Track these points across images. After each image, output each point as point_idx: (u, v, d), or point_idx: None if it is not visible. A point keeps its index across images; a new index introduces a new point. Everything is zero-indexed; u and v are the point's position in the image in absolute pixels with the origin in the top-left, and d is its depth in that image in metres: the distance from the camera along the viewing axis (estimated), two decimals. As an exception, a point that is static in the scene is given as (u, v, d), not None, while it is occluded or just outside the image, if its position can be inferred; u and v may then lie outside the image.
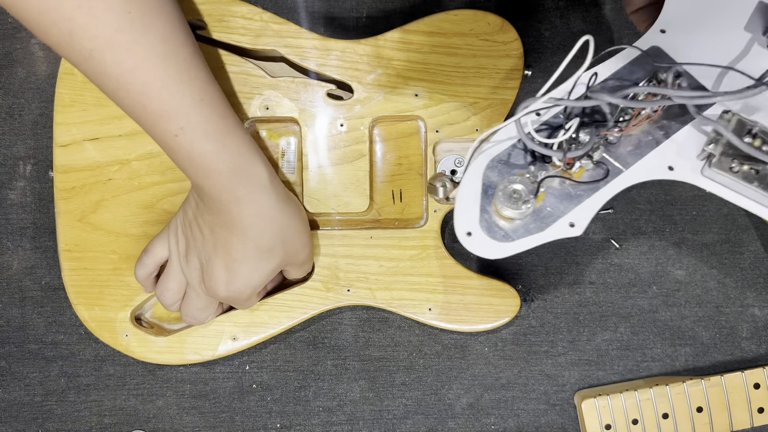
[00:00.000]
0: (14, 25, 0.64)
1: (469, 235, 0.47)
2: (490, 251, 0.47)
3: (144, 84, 0.47)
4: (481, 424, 0.63)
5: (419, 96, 0.60)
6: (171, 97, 0.47)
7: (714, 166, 0.46)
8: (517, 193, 0.46)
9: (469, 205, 0.47)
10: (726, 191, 0.47)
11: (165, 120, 0.48)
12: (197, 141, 0.49)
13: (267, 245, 0.53)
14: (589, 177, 0.48)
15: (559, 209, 0.47)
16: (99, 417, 0.64)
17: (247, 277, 0.53)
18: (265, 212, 0.52)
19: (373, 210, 0.62)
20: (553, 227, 0.47)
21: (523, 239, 0.47)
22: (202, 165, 0.49)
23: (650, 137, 0.48)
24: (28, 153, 0.64)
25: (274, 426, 0.63)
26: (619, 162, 0.48)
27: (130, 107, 0.48)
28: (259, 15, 0.59)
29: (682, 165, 0.48)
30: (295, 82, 0.60)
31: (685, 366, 0.63)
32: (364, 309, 0.63)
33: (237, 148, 0.50)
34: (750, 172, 0.46)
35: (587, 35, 0.44)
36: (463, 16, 0.59)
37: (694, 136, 0.48)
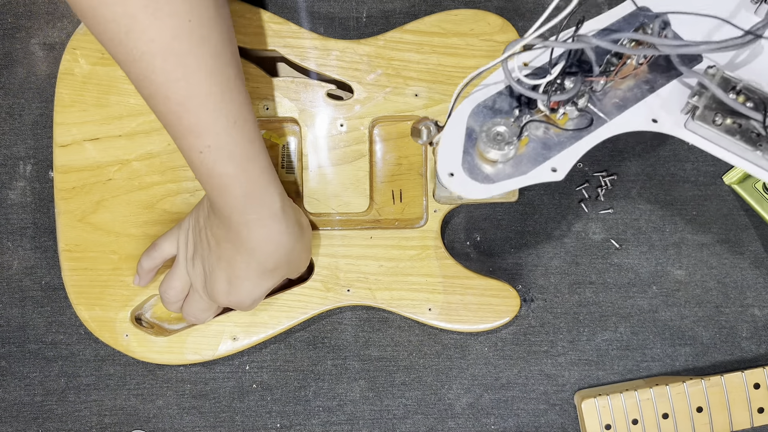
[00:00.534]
0: (14, 25, 0.64)
1: (451, 176, 0.47)
2: (472, 191, 0.47)
3: (185, 97, 0.46)
4: (481, 424, 0.63)
5: (419, 96, 0.60)
6: (208, 114, 0.47)
7: (697, 119, 0.46)
8: (501, 135, 0.47)
9: (453, 147, 0.48)
10: (708, 144, 0.47)
11: (195, 135, 0.47)
12: (220, 162, 0.48)
13: (270, 267, 0.53)
14: (573, 125, 0.48)
15: (542, 155, 0.48)
16: (99, 417, 0.64)
17: (247, 291, 0.54)
18: (274, 238, 0.52)
19: (373, 210, 0.62)
20: (535, 171, 0.47)
21: (504, 181, 0.47)
22: (219, 185, 0.49)
23: (635, 90, 0.49)
24: (28, 153, 0.64)
25: (274, 426, 0.63)
26: (604, 113, 0.48)
27: (163, 114, 0.48)
28: (259, 15, 0.59)
29: (665, 118, 0.48)
30: (295, 82, 0.60)
31: (685, 366, 0.63)
32: (364, 309, 0.63)
33: (257, 176, 0.50)
34: (732, 125, 0.46)
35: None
36: (463, 16, 0.59)
37: (679, 90, 0.48)
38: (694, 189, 0.63)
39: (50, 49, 0.64)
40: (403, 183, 0.62)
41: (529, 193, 0.63)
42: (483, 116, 0.48)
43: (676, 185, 0.63)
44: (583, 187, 0.64)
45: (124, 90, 0.59)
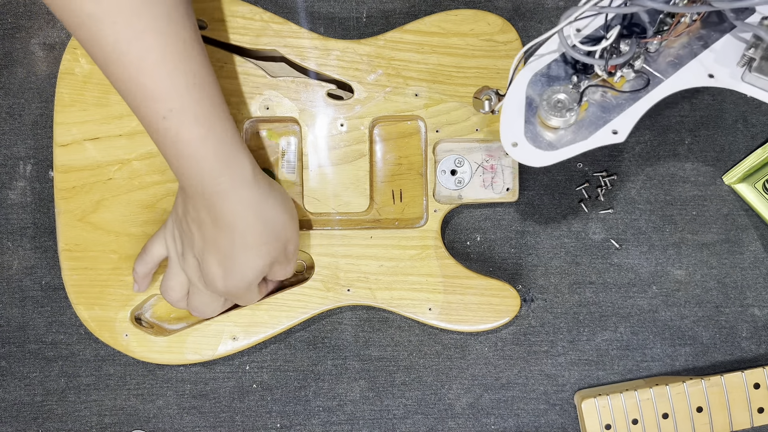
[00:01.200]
0: (14, 25, 0.64)
1: (515, 146, 0.48)
2: (537, 159, 0.48)
3: (140, 57, 0.45)
4: (481, 423, 0.63)
5: (419, 96, 0.60)
6: (165, 75, 0.46)
7: (755, 70, 0.46)
8: (561, 102, 0.47)
9: (514, 117, 0.49)
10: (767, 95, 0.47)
11: (155, 99, 0.46)
12: (185, 125, 0.47)
13: (254, 242, 0.52)
14: (630, 87, 0.48)
15: (603, 118, 0.48)
16: (99, 417, 0.64)
17: (240, 272, 0.53)
18: (251, 207, 0.51)
19: (373, 210, 0.62)
20: (597, 135, 0.48)
21: (568, 147, 0.48)
22: (186, 151, 0.48)
23: (690, 47, 0.49)
24: (28, 153, 0.64)
25: (274, 426, 0.63)
26: (660, 72, 0.49)
27: (120, 80, 0.46)
28: (259, 15, 0.59)
29: (722, 72, 0.48)
30: (295, 82, 0.60)
31: (685, 366, 0.63)
32: (364, 309, 0.63)
33: (224, 138, 0.49)
34: None
35: None
36: (463, 16, 0.59)
37: (733, 43, 0.48)
38: (694, 189, 0.63)
39: (50, 49, 0.64)
40: (403, 183, 0.62)
41: (529, 193, 0.63)
42: (541, 85, 0.49)
43: (676, 185, 0.63)
44: (583, 187, 0.64)
45: (125, 90, 0.59)
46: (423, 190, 0.61)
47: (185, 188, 0.51)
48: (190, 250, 0.54)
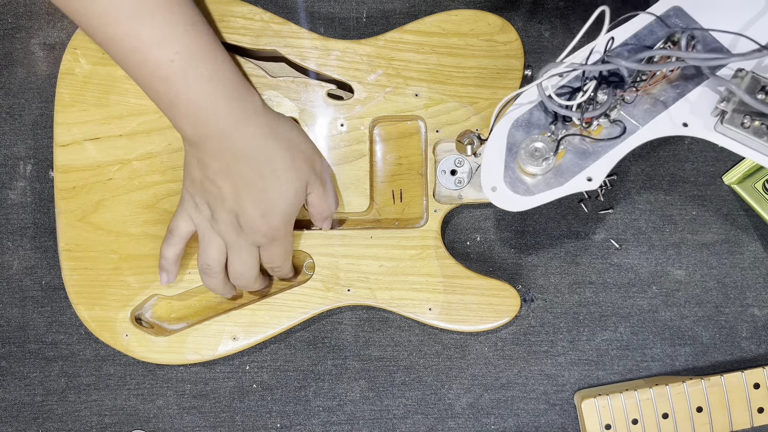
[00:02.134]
0: (14, 25, 0.64)
1: (494, 190, 0.50)
2: (514, 204, 0.50)
3: (136, 7, 0.46)
4: (481, 423, 0.63)
5: (419, 96, 0.60)
6: (164, 20, 0.47)
7: (726, 122, 0.47)
8: (539, 150, 0.49)
9: (495, 162, 0.50)
10: (738, 146, 0.48)
11: (158, 45, 0.47)
12: (193, 65, 0.48)
13: (280, 166, 0.52)
14: (606, 134, 0.50)
15: (578, 165, 0.50)
16: (99, 417, 0.64)
17: (276, 205, 0.53)
18: (267, 133, 0.52)
19: (373, 210, 0.62)
20: (572, 181, 0.50)
21: (543, 193, 0.50)
22: (199, 91, 0.49)
23: (666, 96, 0.50)
24: (28, 153, 0.64)
25: (274, 426, 0.63)
26: (636, 119, 0.50)
27: (119, 38, 0.47)
28: (259, 15, 0.59)
29: (695, 122, 0.49)
30: (296, 82, 0.60)
31: (685, 366, 0.63)
32: (364, 309, 0.63)
33: (229, 73, 0.51)
34: (761, 127, 0.47)
35: (603, 6, 0.47)
36: (463, 16, 0.59)
37: (708, 94, 0.49)
38: (694, 189, 0.63)
39: (50, 49, 0.64)
40: (404, 183, 0.62)
41: (529, 193, 0.63)
42: (521, 131, 0.50)
43: (676, 185, 0.63)
44: (583, 187, 0.64)
45: (125, 90, 0.59)
46: (423, 190, 0.61)
47: (199, 137, 0.51)
48: (220, 206, 0.53)
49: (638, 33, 0.50)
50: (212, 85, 0.49)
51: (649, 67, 0.47)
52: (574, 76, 0.50)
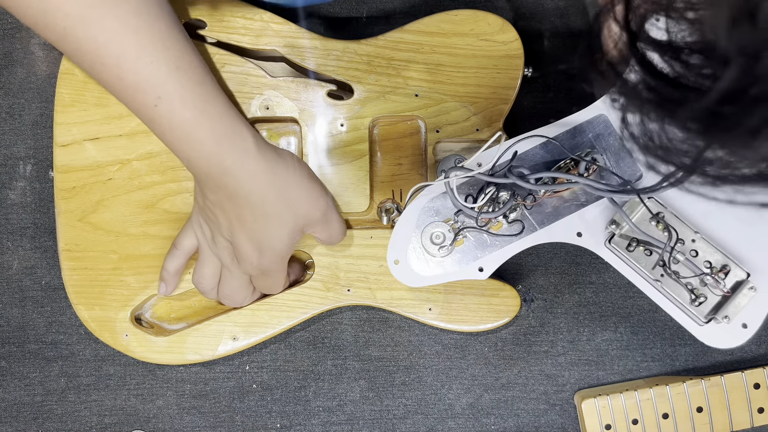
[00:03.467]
0: (14, 25, 0.64)
1: (396, 263, 0.54)
2: (410, 280, 0.54)
3: (118, 57, 0.47)
4: (481, 424, 0.63)
5: (419, 96, 0.60)
6: (145, 67, 0.48)
7: (614, 242, 0.51)
8: (438, 237, 0.53)
9: (403, 237, 0.54)
10: (622, 265, 0.52)
11: (142, 91, 0.48)
12: (176, 110, 0.49)
13: (272, 210, 0.52)
14: (506, 230, 0.54)
15: (474, 254, 0.53)
16: (99, 417, 0.64)
17: (269, 245, 0.53)
18: (258, 177, 0.51)
19: (374, 210, 0.62)
20: (464, 269, 0.53)
21: (435, 276, 0.54)
22: (183, 135, 0.49)
23: (567, 205, 0.53)
24: (28, 153, 0.64)
25: (274, 426, 0.63)
26: (536, 220, 0.53)
27: (108, 81, 0.49)
28: (259, 15, 0.59)
29: (589, 234, 0.53)
30: (296, 82, 0.60)
31: (685, 366, 0.63)
32: (364, 309, 0.63)
33: (218, 116, 0.50)
34: (643, 254, 0.51)
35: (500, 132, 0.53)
36: (463, 16, 0.59)
37: (605, 211, 0.53)
38: (694, 189, 0.63)
39: (50, 49, 0.64)
40: (403, 183, 0.62)
41: (529, 193, 0.63)
42: (432, 212, 0.54)
43: (676, 185, 0.63)
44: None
45: (125, 90, 0.59)
46: (423, 190, 0.61)
47: (195, 173, 0.52)
48: (218, 233, 0.54)
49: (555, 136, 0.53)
50: (197, 127, 0.49)
51: (542, 188, 0.51)
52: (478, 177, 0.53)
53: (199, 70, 0.50)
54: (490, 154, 0.52)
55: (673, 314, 0.51)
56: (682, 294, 0.50)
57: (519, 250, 0.53)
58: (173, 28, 0.50)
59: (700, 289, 0.50)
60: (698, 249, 0.51)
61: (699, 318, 0.50)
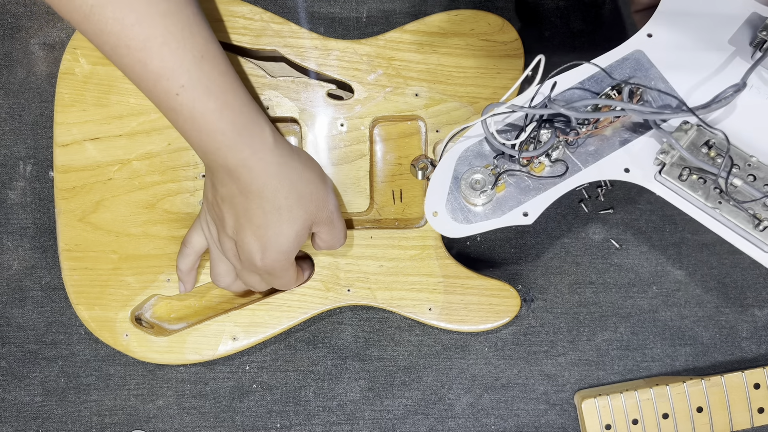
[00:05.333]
0: (14, 25, 0.64)
1: (434, 215, 0.52)
2: (451, 231, 0.51)
3: (145, 40, 0.47)
4: (481, 424, 0.63)
5: (419, 96, 0.60)
6: (171, 53, 0.47)
7: (665, 173, 0.49)
8: (478, 182, 0.50)
9: (439, 189, 0.52)
10: (674, 197, 0.49)
11: (166, 78, 0.48)
12: (199, 99, 0.48)
13: (284, 204, 0.52)
14: (549, 172, 0.51)
15: (518, 199, 0.51)
16: (99, 417, 0.64)
17: (275, 242, 0.52)
18: (273, 170, 0.51)
19: (374, 210, 0.62)
20: (509, 215, 0.51)
21: (479, 223, 0.51)
22: (205, 125, 0.49)
23: (611, 141, 0.51)
24: (28, 153, 0.64)
25: (274, 426, 0.63)
26: (580, 160, 0.51)
27: (130, 66, 0.48)
28: (259, 15, 0.59)
29: (637, 168, 0.50)
30: (296, 82, 0.60)
31: (685, 366, 0.63)
32: (364, 309, 0.63)
33: (239, 107, 0.50)
34: (697, 181, 0.48)
35: (540, 55, 0.49)
36: (463, 16, 0.59)
37: (652, 142, 0.50)
38: (694, 189, 0.63)
39: (50, 49, 0.64)
40: (404, 183, 0.62)
41: (529, 193, 0.63)
42: (470, 161, 0.52)
43: (676, 185, 0.63)
44: (583, 187, 0.64)
45: (125, 89, 0.59)
46: (423, 191, 0.61)
47: (209, 164, 0.52)
48: (223, 231, 0.54)
49: (591, 75, 0.51)
50: (219, 118, 0.49)
51: (588, 115, 0.48)
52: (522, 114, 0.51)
53: (222, 60, 0.50)
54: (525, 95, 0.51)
55: (736, 243, 0.48)
56: (744, 220, 0.47)
57: (565, 191, 0.51)
58: (198, 15, 0.50)
59: (762, 213, 0.47)
60: (755, 173, 0.48)
61: (766, 243, 0.47)
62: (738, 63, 0.50)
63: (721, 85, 0.49)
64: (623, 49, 0.51)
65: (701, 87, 0.50)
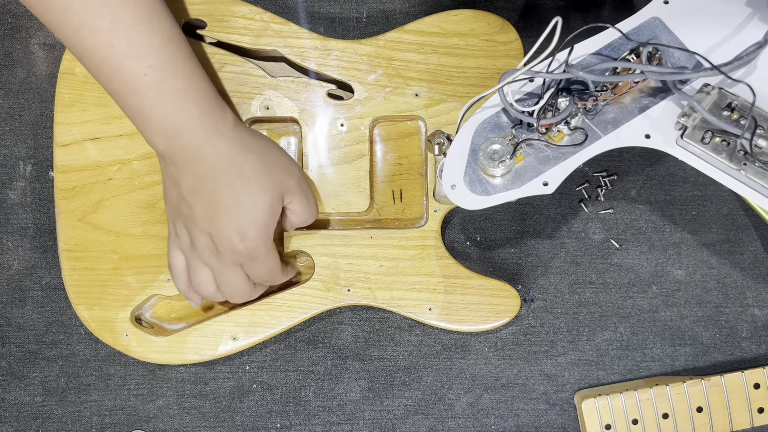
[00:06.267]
0: (14, 25, 0.64)
1: (453, 188, 0.51)
2: (470, 202, 0.50)
3: (112, 20, 0.47)
4: (481, 424, 0.63)
5: (419, 96, 0.60)
6: (139, 35, 0.48)
7: (687, 136, 0.48)
8: (496, 153, 0.49)
9: (457, 161, 0.51)
10: (697, 161, 0.49)
11: (133, 58, 0.48)
12: (167, 78, 0.49)
13: (252, 176, 0.51)
14: (568, 141, 0.50)
15: (537, 169, 0.50)
16: (99, 417, 0.64)
17: (251, 217, 0.51)
18: (239, 144, 0.52)
19: (374, 210, 0.62)
20: (528, 185, 0.50)
21: (499, 194, 0.50)
22: (172, 105, 0.50)
23: (631, 107, 0.50)
24: (28, 153, 0.64)
25: (274, 426, 0.63)
26: (599, 128, 0.50)
27: (93, 48, 0.48)
28: (259, 15, 0.59)
29: (657, 134, 0.50)
30: (296, 82, 0.60)
31: (685, 366, 0.63)
32: (364, 309, 0.63)
33: (203, 89, 0.51)
34: (721, 144, 0.47)
35: (557, 17, 0.47)
36: (463, 16, 0.59)
37: (672, 108, 0.49)
38: (694, 189, 0.63)
39: (50, 49, 0.64)
40: (404, 183, 0.62)
41: (529, 193, 0.63)
42: (487, 133, 0.51)
43: (676, 185, 0.63)
44: (583, 187, 0.64)
45: (125, 90, 0.59)
46: (423, 190, 0.61)
47: (174, 151, 0.51)
48: (196, 229, 0.53)
49: (608, 43, 0.50)
50: (185, 98, 0.50)
51: (608, 79, 0.47)
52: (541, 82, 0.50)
53: (186, 45, 0.51)
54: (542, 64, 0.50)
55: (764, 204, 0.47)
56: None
57: (584, 159, 0.50)
58: (163, 3, 0.51)
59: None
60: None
61: None
62: (756, 24, 0.49)
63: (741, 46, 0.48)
64: (639, 17, 0.50)
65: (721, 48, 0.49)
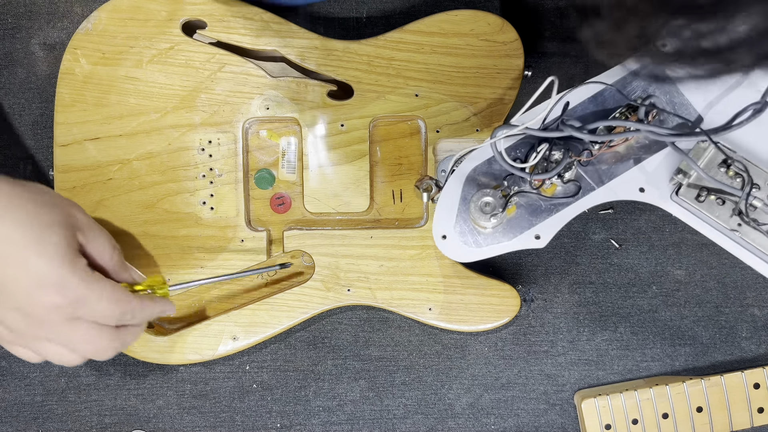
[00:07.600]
0: (14, 25, 0.64)
1: (443, 239, 0.50)
2: (461, 255, 0.50)
3: None
4: (481, 423, 0.63)
5: (419, 96, 0.60)
6: None
7: (682, 194, 0.47)
8: (488, 205, 0.49)
9: (447, 211, 0.50)
10: (692, 218, 0.48)
11: None
12: None
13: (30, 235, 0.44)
14: (561, 192, 0.49)
15: (529, 221, 0.49)
16: (99, 417, 0.64)
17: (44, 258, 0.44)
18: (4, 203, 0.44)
19: (374, 210, 0.62)
20: (520, 237, 0.50)
21: (490, 246, 0.50)
22: None
23: (625, 160, 0.49)
24: (28, 153, 0.64)
25: (274, 426, 0.63)
26: (592, 179, 0.49)
27: None
28: (259, 15, 0.59)
29: (652, 188, 0.49)
30: (296, 82, 0.60)
31: (685, 366, 0.63)
32: (364, 309, 0.63)
33: None
34: (715, 202, 0.46)
35: (552, 77, 0.47)
36: (463, 17, 0.59)
37: (667, 162, 0.49)
38: (694, 189, 0.63)
39: (50, 49, 0.64)
40: (404, 183, 0.62)
41: (529, 193, 0.63)
42: (477, 182, 0.50)
43: (676, 185, 0.63)
44: (583, 187, 0.64)
45: (125, 90, 0.59)
46: (423, 190, 0.61)
47: None
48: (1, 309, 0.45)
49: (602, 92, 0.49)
50: None
51: (604, 138, 0.46)
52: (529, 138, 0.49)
53: None
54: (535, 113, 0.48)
55: (756, 267, 0.46)
56: (764, 243, 0.46)
57: (577, 212, 0.49)
58: None
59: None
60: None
61: None
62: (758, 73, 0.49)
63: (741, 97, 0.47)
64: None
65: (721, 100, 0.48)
